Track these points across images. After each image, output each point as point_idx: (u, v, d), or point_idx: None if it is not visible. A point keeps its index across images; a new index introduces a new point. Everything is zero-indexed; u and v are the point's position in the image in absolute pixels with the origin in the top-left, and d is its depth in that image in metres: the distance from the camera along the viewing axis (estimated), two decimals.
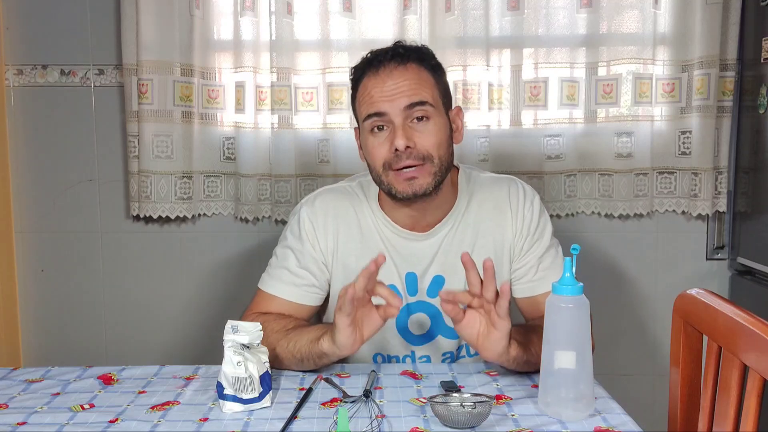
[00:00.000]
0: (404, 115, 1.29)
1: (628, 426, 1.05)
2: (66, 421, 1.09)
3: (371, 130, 1.33)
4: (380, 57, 1.32)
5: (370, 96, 1.31)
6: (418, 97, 1.29)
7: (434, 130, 1.31)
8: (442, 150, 1.32)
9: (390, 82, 1.30)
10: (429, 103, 1.30)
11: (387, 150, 1.30)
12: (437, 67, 1.37)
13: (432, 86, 1.33)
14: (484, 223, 1.41)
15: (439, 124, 1.32)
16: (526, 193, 1.43)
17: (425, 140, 1.30)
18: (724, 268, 2.23)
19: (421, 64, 1.33)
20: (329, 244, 1.41)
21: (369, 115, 1.31)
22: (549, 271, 1.40)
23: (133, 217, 2.19)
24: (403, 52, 1.32)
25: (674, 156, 2.13)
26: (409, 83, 1.30)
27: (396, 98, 1.29)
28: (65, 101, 2.19)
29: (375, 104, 1.30)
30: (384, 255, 1.18)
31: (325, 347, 1.22)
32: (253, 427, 1.06)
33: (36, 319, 2.27)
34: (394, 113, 1.29)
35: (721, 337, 1.12)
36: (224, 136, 2.17)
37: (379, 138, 1.32)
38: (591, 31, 2.08)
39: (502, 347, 1.17)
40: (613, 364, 2.23)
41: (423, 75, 1.32)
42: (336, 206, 1.42)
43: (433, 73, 1.34)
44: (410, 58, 1.32)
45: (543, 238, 1.42)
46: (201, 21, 2.10)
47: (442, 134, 1.33)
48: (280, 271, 1.41)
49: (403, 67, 1.31)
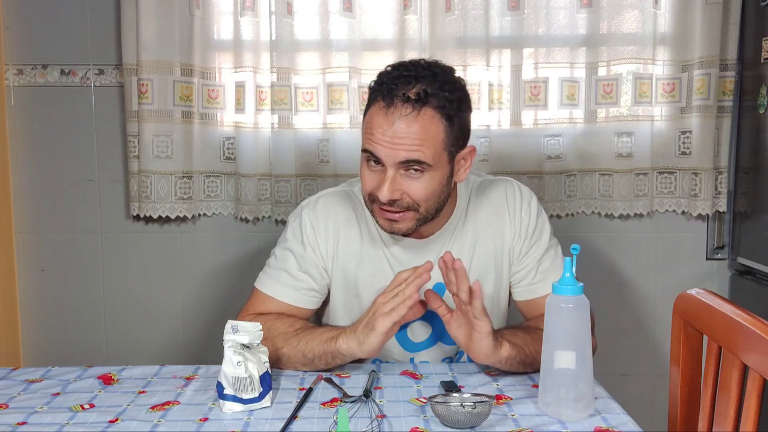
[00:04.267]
0: (398, 166, 1.24)
1: (628, 426, 1.05)
2: (66, 421, 1.09)
3: (366, 160, 1.29)
4: (397, 91, 1.23)
5: (372, 133, 1.25)
6: (417, 155, 1.23)
7: (426, 185, 1.26)
8: (431, 201, 1.28)
9: (396, 128, 1.22)
10: (426, 163, 1.24)
11: (375, 186, 1.27)
12: (458, 112, 1.26)
13: (438, 141, 1.24)
14: (483, 228, 1.41)
15: (434, 177, 1.26)
16: (523, 194, 1.42)
17: (414, 192, 1.26)
18: (724, 268, 2.23)
19: (438, 111, 1.23)
20: (330, 248, 1.40)
21: (365, 150, 1.27)
22: (548, 273, 1.40)
23: (133, 217, 2.19)
24: (422, 95, 1.22)
25: (674, 156, 2.13)
26: (412, 138, 1.22)
27: (395, 149, 1.23)
28: (65, 101, 2.19)
29: (373, 145, 1.24)
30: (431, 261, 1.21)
31: (343, 347, 1.23)
32: (253, 427, 1.06)
33: (36, 319, 2.27)
34: (388, 162, 1.24)
35: (721, 337, 1.12)
36: (224, 136, 2.17)
37: (372, 170, 1.28)
38: (591, 31, 2.08)
39: (487, 347, 1.18)
40: (613, 364, 2.23)
41: (432, 129, 1.23)
42: (337, 211, 1.41)
43: (448, 124, 1.25)
44: (428, 103, 1.22)
45: (541, 239, 1.41)
46: (201, 21, 2.10)
47: (435, 186, 1.27)
48: (279, 273, 1.40)
49: (415, 115, 1.22)
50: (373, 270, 1.39)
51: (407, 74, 1.24)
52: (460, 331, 1.20)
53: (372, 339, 1.20)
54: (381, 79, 1.27)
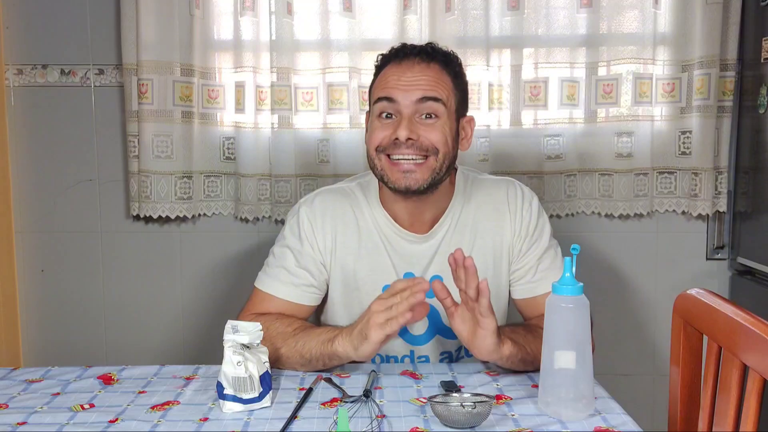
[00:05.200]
0: (414, 108, 1.31)
1: (628, 426, 1.05)
2: (66, 421, 1.09)
3: (379, 114, 1.35)
4: (407, 50, 1.36)
5: (386, 81, 1.34)
6: (433, 93, 1.31)
7: (441, 128, 1.32)
8: (447, 149, 1.33)
9: (409, 73, 1.32)
10: (441, 101, 1.32)
11: (387, 135, 1.32)
12: (460, 74, 1.40)
13: (450, 89, 1.35)
14: (483, 225, 1.42)
15: (447, 124, 1.34)
16: (525, 194, 1.44)
17: (431, 135, 1.32)
18: (724, 268, 2.23)
19: (445, 67, 1.36)
20: (327, 244, 1.41)
21: (380, 98, 1.33)
22: (548, 272, 1.40)
23: (133, 217, 2.19)
24: (430, 51, 1.36)
25: (674, 156, 2.13)
26: (427, 79, 1.32)
27: (411, 89, 1.31)
28: (65, 101, 2.19)
29: (389, 89, 1.32)
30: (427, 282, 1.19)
31: (340, 350, 1.23)
32: (253, 427, 1.06)
33: (36, 319, 2.27)
34: (404, 103, 1.31)
35: (721, 337, 1.12)
36: (224, 136, 2.17)
37: (385, 124, 1.34)
38: (591, 31, 2.08)
39: (490, 344, 1.18)
40: (613, 364, 2.23)
41: (443, 77, 1.35)
42: (335, 206, 1.42)
43: (453, 79, 1.37)
44: (436, 59, 1.35)
45: (541, 239, 1.42)
46: (201, 21, 2.10)
47: (449, 134, 1.34)
48: (278, 271, 1.40)
49: (426, 64, 1.34)
50: (372, 264, 1.40)
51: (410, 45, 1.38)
52: (463, 326, 1.20)
53: (365, 347, 1.21)
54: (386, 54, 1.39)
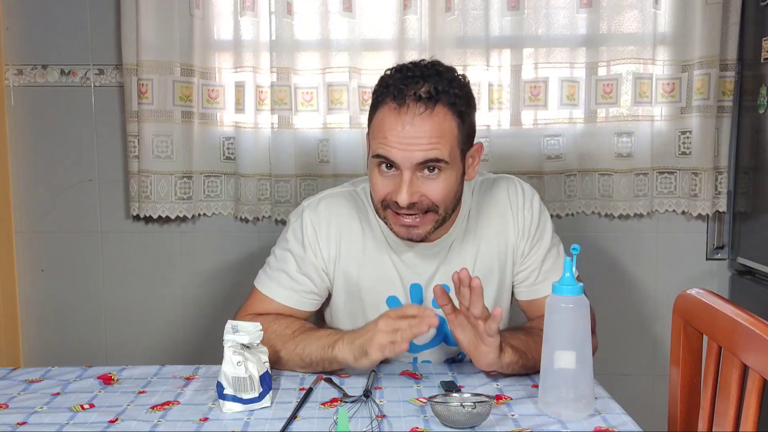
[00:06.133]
0: (414, 168, 1.22)
1: (628, 426, 1.05)
2: (66, 421, 1.09)
3: (378, 165, 1.26)
4: (408, 91, 1.21)
5: (384, 136, 1.22)
6: (435, 153, 1.21)
7: (444, 185, 1.24)
8: (449, 200, 1.27)
9: (409, 128, 1.20)
10: (444, 161, 1.22)
11: (390, 191, 1.25)
12: (467, 111, 1.26)
13: (453, 138, 1.23)
14: (487, 230, 1.39)
15: (450, 177, 1.25)
16: (525, 193, 1.41)
17: (432, 193, 1.24)
18: (724, 268, 2.23)
19: (449, 108, 1.22)
20: (331, 252, 1.37)
21: (376, 155, 1.24)
22: (551, 273, 1.39)
23: (133, 217, 2.19)
24: (434, 93, 1.21)
25: (674, 156, 2.13)
26: (428, 136, 1.20)
27: (411, 151, 1.20)
28: (65, 101, 2.19)
29: (387, 149, 1.21)
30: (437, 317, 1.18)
31: (339, 357, 1.23)
32: (253, 427, 1.06)
33: (36, 319, 2.27)
34: (404, 165, 1.21)
35: (721, 337, 1.12)
36: (224, 136, 2.17)
37: (386, 176, 1.25)
38: (591, 31, 2.08)
39: (491, 359, 1.19)
40: (613, 364, 2.23)
41: (446, 125, 1.22)
42: (340, 212, 1.38)
43: (459, 119, 1.24)
44: (440, 101, 1.21)
45: (544, 238, 1.40)
46: (201, 21, 2.10)
47: (452, 186, 1.26)
48: (279, 274, 1.38)
49: (429, 113, 1.20)
50: (377, 274, 1.38)
51: (413, 75, 1.23)
52: (463, 335, 1.20)
53: (364, 362, 1.21)
54: (386, 81, 1.25)
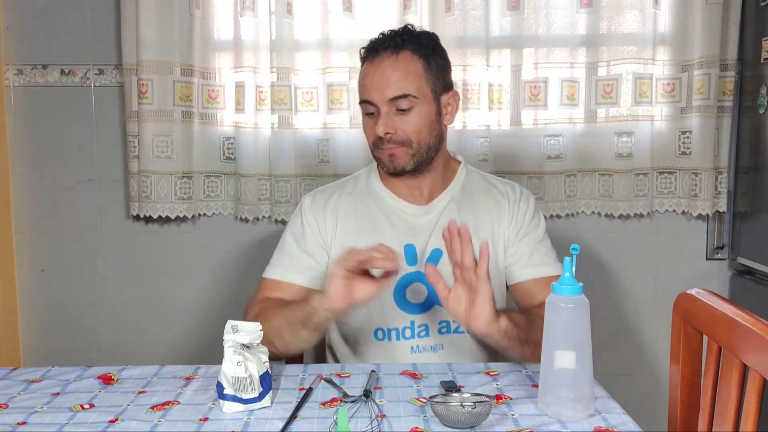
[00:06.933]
0: (388, 106, 1.41)
1: (628, 426, 1.05)
2: (66, 421, 1.09)
3: (365, 113, 1.46)
4: (379, 43, 1.43)
5: (363, 84, 1.44)
6: (402, 90, 1.39)
7: (416, 119, 1.41)
8: (422, 134, 1.43)
9: (379, 71, 1.41)
10: (412, 96, 1.40)
11: (375, 132, 1.43)
12: (433, 55, 1.44)
13: (420, 77, 1.41)
14: (482, 214, 1.49)
15: (422, 112, 1.42)
16: (524, 191, 1.54)
17: (405, 127, 1.41)
18: (724, 268, 2.23)
19: (415, 53, 1.41)
20: (329, 228, 1.49)
21: (361, 101, 1.45)
22: (539, 261, 1.46)
23: (133, 217, 2.19)
24: (399, 41, 1.41)
25: (674, 156, 2.13)
26: (396, 75, 1.40)
27: (382, 89, 1.40)
28: (65, 101, 2.19)
29: (365, 92, 1.43)
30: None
31: (314, 302, 1.27)
32: (253, 427, 1.06)
33: (36, 319, 2.27)
34: (379, 103, 1.41)
35: (721, 337, 1.12)
36: (224, 136, 2.17)
37: (371, 119, 1.45)
38: (591, 31, 2.08)
39: (488, 313, 1.19)
40: (613, 364, 2.23)
41: (413, 66, 1.41)
42: (339, 193, 1.53)
43: (425, 62, 1.42)
44: (405, 47, 1.41)
45: (536, 231, 1.50)
46: (201, 21, 2.10)
47: (424, 121, 1.42)
48: (281, 256, 1.49)
49: (395, 56, 1.40)
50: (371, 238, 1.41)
51: (388, 35, 1.44)
52: (459, 306, 1.21)
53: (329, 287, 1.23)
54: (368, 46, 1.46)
